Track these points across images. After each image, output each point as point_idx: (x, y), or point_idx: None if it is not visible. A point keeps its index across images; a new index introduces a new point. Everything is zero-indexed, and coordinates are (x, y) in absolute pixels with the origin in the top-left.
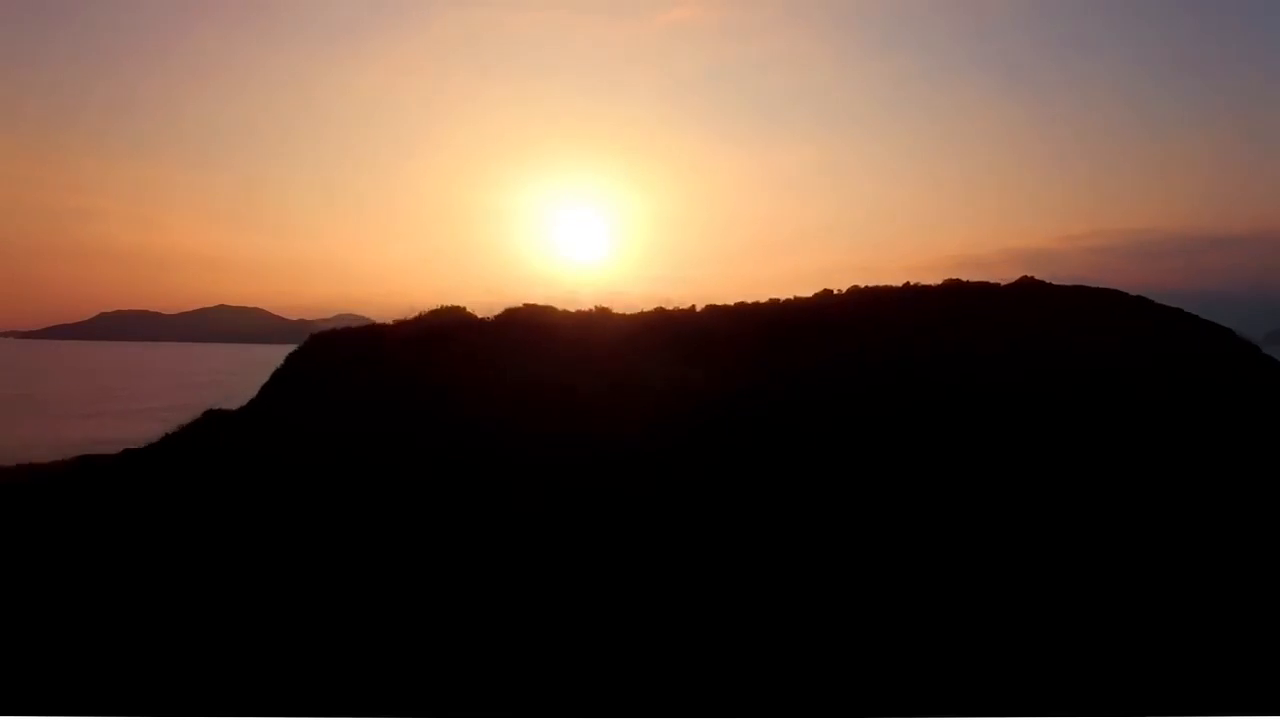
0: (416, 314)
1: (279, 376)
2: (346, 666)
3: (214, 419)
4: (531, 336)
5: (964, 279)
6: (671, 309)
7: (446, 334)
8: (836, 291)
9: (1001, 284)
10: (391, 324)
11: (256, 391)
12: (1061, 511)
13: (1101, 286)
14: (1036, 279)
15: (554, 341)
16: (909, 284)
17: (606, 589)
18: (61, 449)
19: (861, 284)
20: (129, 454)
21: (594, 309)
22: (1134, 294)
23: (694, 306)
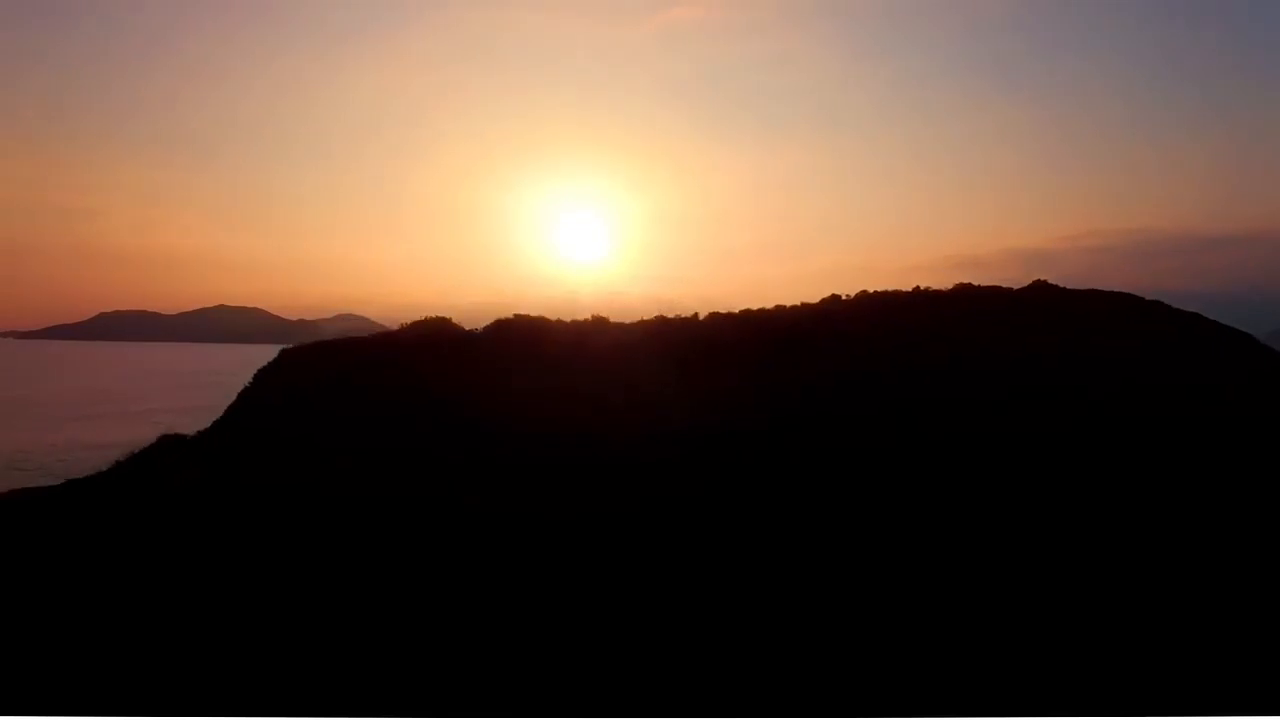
0: (399, 325)
1: (246, 396)
2: (333, 689)
3: (168, 445)
4: (521, 351)
5: (973, 283)
6: (672, 316)
7: (430, 349)
8: (845, 297)
9: (1014, 288)
10: (371, 338)
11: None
12: (1077, 520)
13: (1116, 290)
14: (1049, 283)
15: (545, 357)
16: (919, 288)
17: (600, 603)
18: (53, 452)
19: (869, 288)
20: (71, 485)
21: (590, 318)
22: (1150, 298)
23: (696, 314)
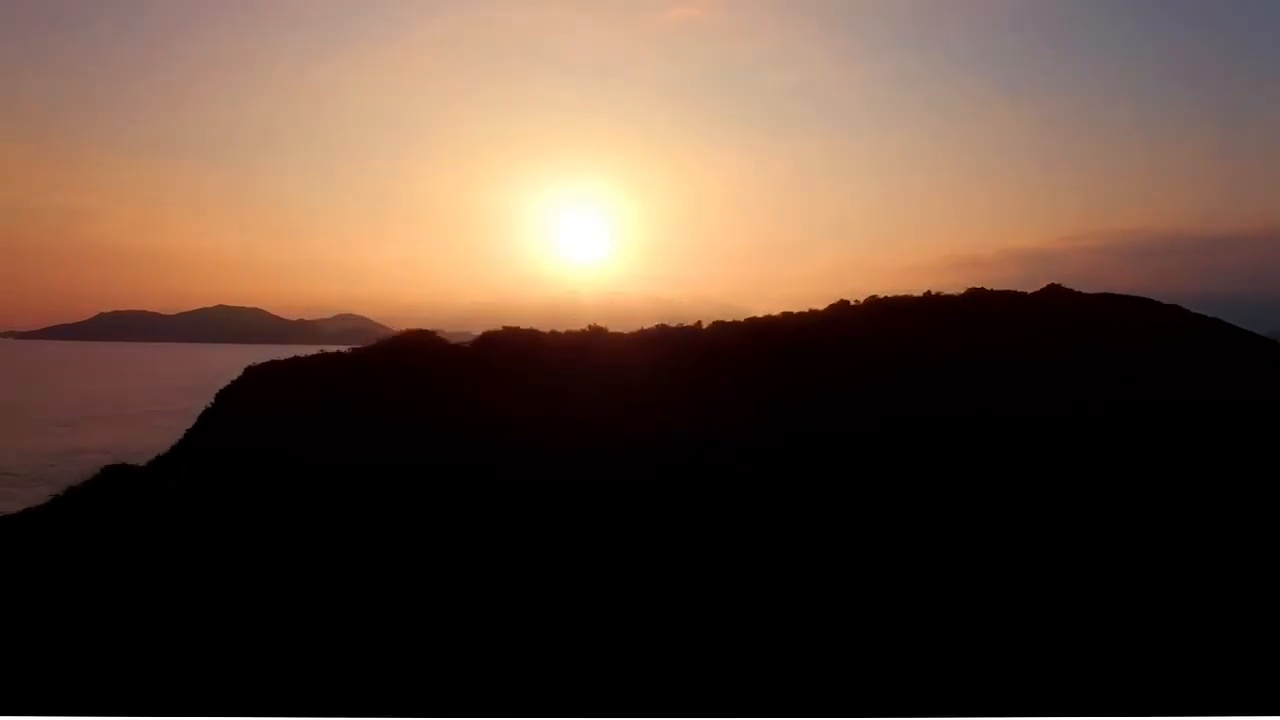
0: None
1: (209, 418)
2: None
3: (113, 477)
4: (510, 368)
5: (985, 287)
6: (675, 325)
7: (410, 365)
8: (854, 302)
9: (1027, 292)
10: (348, 352)
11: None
12: (1084, 525)
13: (1132, 295)
14: (1063, 287)
15: (536, 373)
16: (929, 293)
17: (595, 609)
18: (42, 457)
19: (878, 293)
20: (29, 514)
21: (587, 328)
22: (1150, 298)
23: (699, 323)
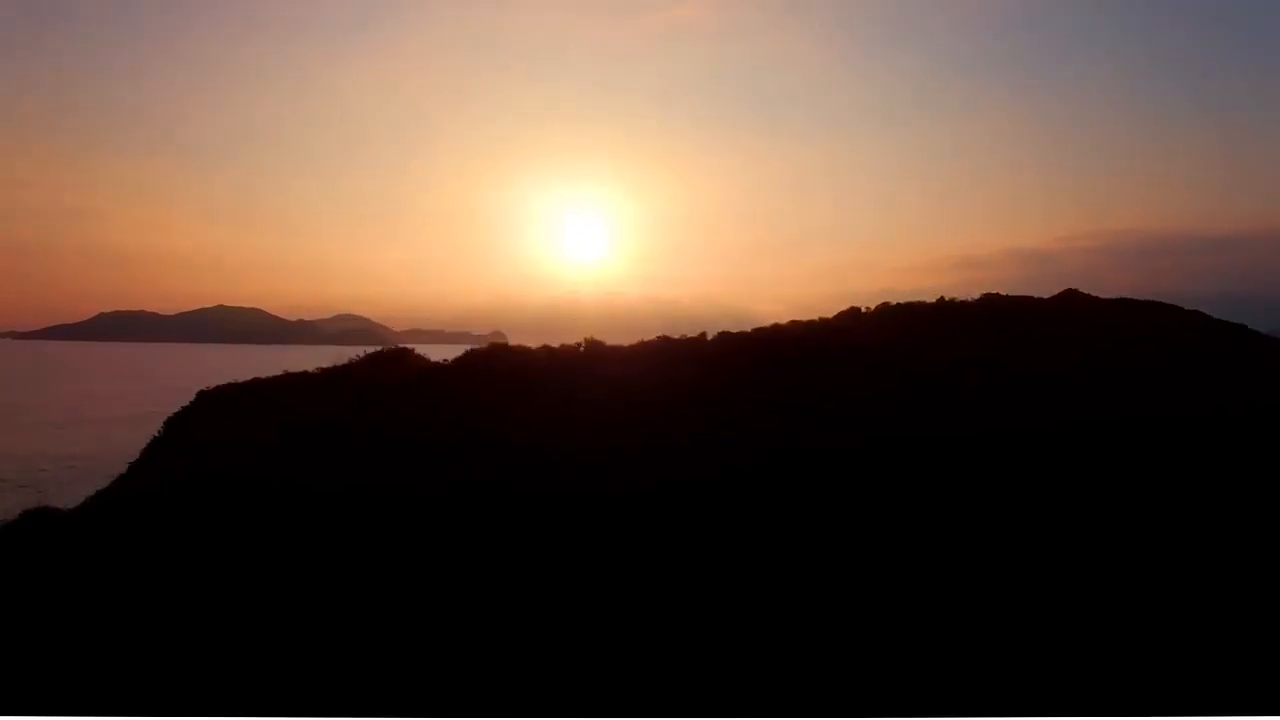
0: (348, 360)
1: (157, 450)
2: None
3: (34, 522)
4: (493, 392)
5: (1000, 292)
6: (678, 338)
7: (383, 388)
8: (865, 309)
9: (1043, 298)
10: (315, 372)
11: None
12: (1088, 529)
13: (1151, 300)
14: (1079, 291)
15: (523, 397)
16: (943, 299)
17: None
18: (33, 460)
19: (890, 299)
20: None
21: (582, 343)
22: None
23: (704, 334)
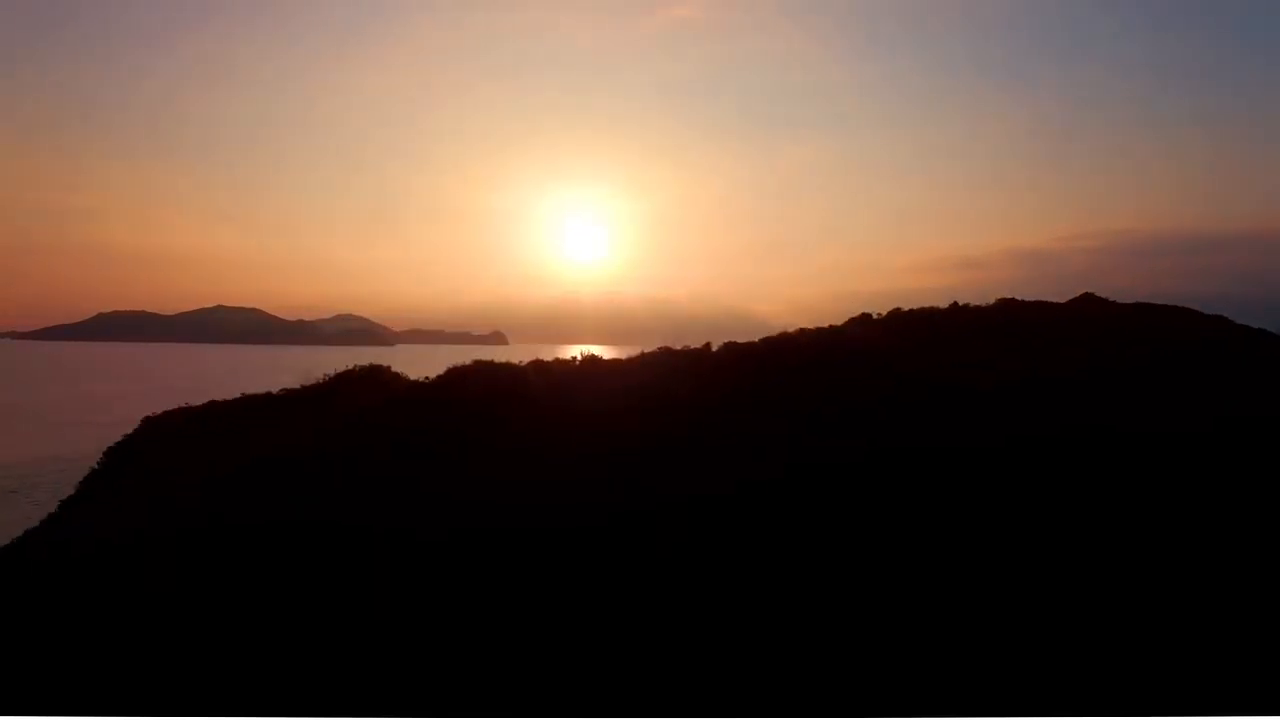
0: (315, 379)
1: (94, 482)
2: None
3: None
4: (477, 415)
5: (1017, 297)
6: (681, 348)
7: (354, 411)
8: (876, 316)
9: (1059, 302)
10: (278, 393)
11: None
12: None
13: (1171, 304)
14: (1097, 296)
15: (505, 435)
16: (956, 304)
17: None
18: (23, 464)
19: (891, 300)
20: None
21: (578, 358)
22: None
23: (709, 345)
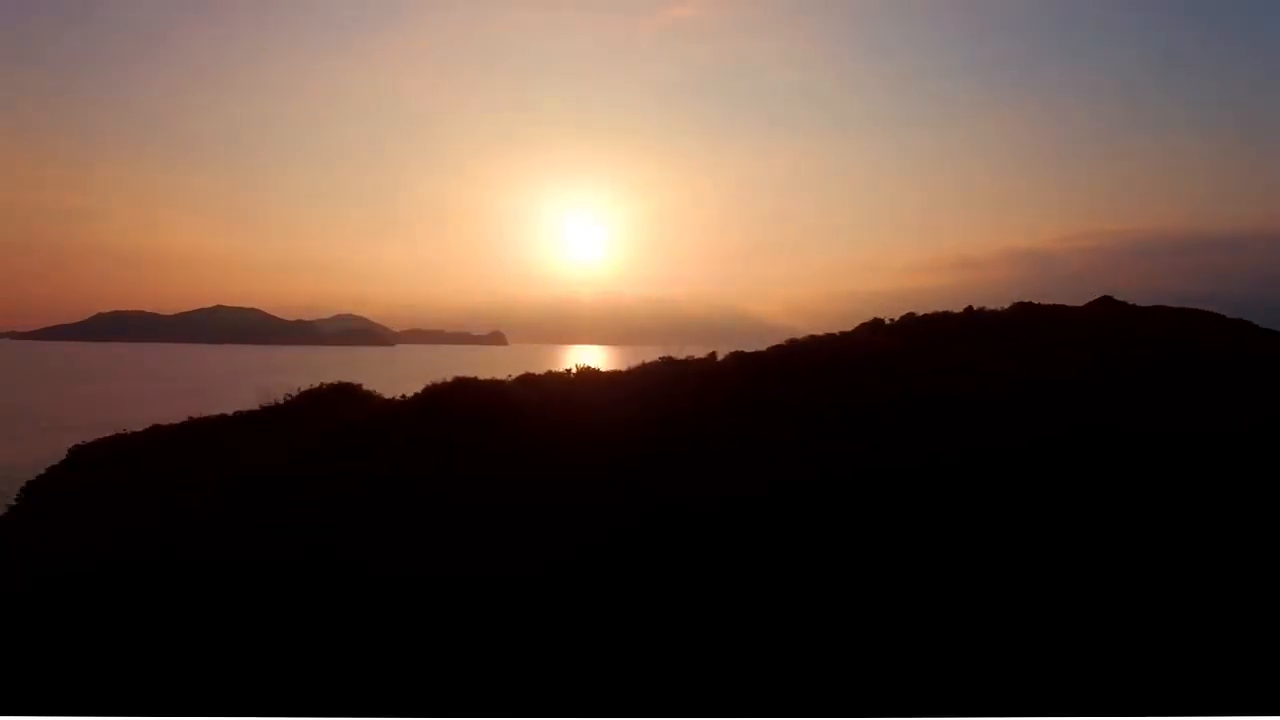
0: (277, 399)
1: (11, 526)
2: None
3: None
4: (455, 440)
5: (1034, 301)
6: (684, 358)
7: (314, 438)
8: (889, 321)
9: (1077, 306)
10: (231, 415)
11: None
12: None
13: (1192, 308)
14: (1115, 299)
15: (488, 451)
16: (971, 308)
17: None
18: (11, 469)
19: (902, 306)
20: None
21: (572, 370)
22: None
23: (714, 354)
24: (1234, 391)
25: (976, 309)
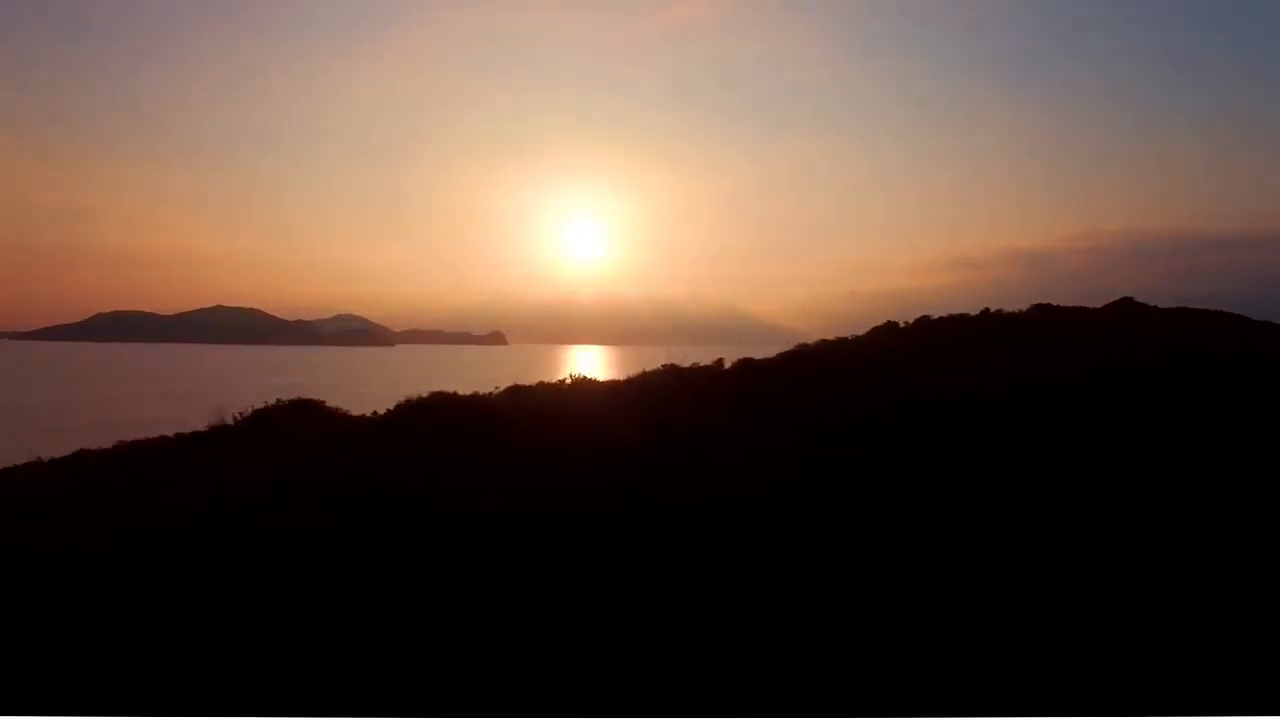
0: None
1: None
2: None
3: None
4: (429, 468)
5: (1052, 303)
6: (689, 366)
7: (266, 464)
8: (903, 325)
9: (1095, 307)
10: (188, 434)
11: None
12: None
13: (1214, 309)
14: (1135, 300)
15: (467, 482)
16: (988, 310)
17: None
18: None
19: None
20: None
21: (569, 379)
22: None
23: (721, 361)
24: (1237, 391)
25: (994, 311)
